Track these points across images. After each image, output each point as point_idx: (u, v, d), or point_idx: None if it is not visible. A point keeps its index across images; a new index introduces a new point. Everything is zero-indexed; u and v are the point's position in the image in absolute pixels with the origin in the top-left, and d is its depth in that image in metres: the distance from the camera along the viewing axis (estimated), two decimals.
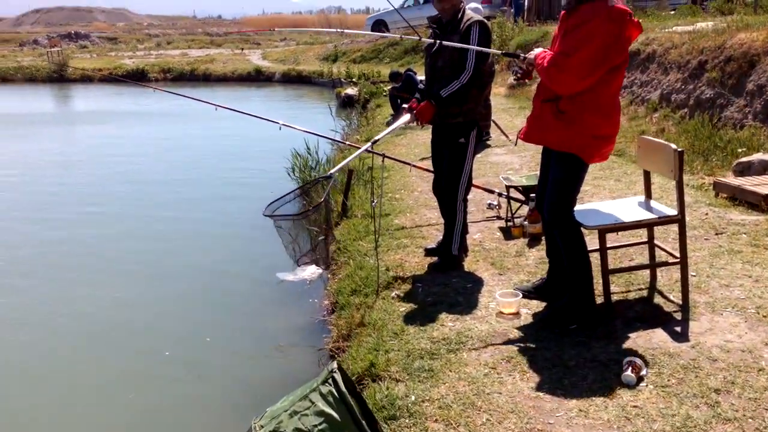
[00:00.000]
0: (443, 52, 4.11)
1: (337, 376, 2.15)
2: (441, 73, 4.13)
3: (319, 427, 2.13)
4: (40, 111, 18.33)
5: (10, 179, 9.69)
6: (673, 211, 3.48)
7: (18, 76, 25.24)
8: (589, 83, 3.05)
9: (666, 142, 3.44)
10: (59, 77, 24.20)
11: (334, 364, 2.20)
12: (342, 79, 19.00)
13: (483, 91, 4.23)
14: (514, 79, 3.67)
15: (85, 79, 22.65)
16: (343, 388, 2.12)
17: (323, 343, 4.02)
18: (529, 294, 3.79)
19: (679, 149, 3.32)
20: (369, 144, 4.54)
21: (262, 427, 2.17)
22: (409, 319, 3.68)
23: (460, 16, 4.12)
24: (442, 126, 4.25)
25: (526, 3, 21.28)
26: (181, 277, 5.70)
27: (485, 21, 4.13)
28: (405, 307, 3.84)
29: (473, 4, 9.01)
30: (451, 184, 4.27)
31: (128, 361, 4.27)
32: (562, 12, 3.27)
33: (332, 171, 4.34)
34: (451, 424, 2.63)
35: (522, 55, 3.49)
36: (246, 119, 6.11)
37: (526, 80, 3.61)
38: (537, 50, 3.34)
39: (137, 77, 23.97)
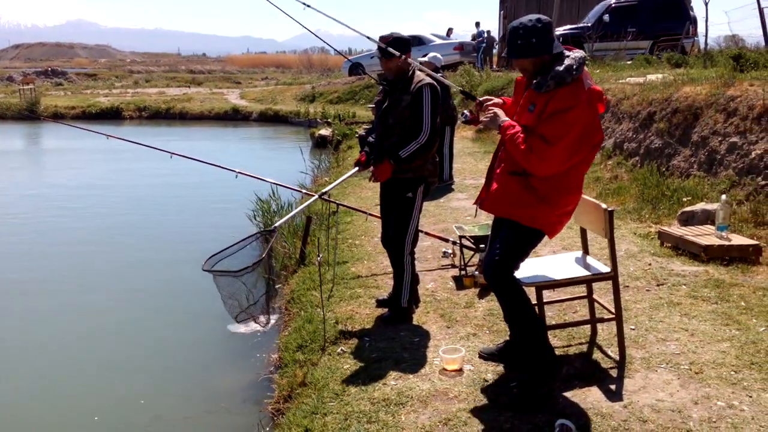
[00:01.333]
0: (394, 110, 4.17)
1: None
2: (391, 130, 4.18)
3: None
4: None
5: None
6: (606, 269, 3.52)
7: None
8: (568, 167, 2.98)
9: (598, 202, 3.49)
10: (29, 115, 23.98)
11: None
12: (318, 119, 19.13)
13: (432, 149, 4.26)
14: (462, 122, 3.54)
15: (57, 117, 22.40)
16: None
17: (264, 404, 3.92)
18: (492, 357, 3.61)
19: (610, 209, 3.37)
20: (316, 196, 4.54)
21: None
22: (352, 377, 3.62)
23: (410, 75, 4.19)
24: (392, 180, 4.27)
25: (495, 49, 21.86)
26: (124, 328, 5.50)
27: (435, 84, 4.18)
28: (349, 364, 3.80)
29: (432, 54, 9.20)
30: (397, 237, 4.28)
31: (51, 426, 4.09)
32: (520, 79, 3.18)
33: (277, 224, 4.31)
34: None
35: (478, 99, 3.33)
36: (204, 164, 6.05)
37: (473, 125, 3.53)
38: (502, 115, 3.15)
39: (112, 115, 23.91)
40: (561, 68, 2.91)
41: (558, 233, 3.30)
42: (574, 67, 2.91)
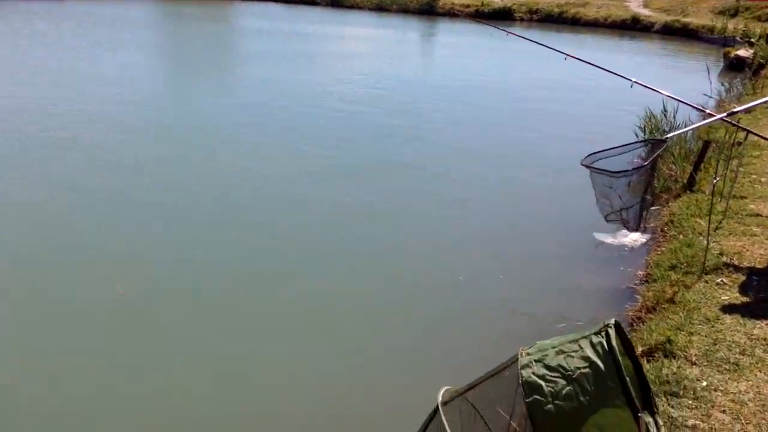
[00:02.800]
0: None
1: (611, 331, 2.27)
2: None
3: (582, 371, 2.30)
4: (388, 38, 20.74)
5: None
6: None
7: (393, 7, 28.82)
8: None
9: None
10: (428, 10, 27.01)
11: (612, 320, 2.33)
12: (737, 38, 17.18)
13: None
14: None
15: (452, 14, 24.74)
16: (614, 343, 2.24)
17: (624, 310, 4.09)
18: None
19: None
20: (720, 116, 4.29)
21: (529, 354, 2.44)
22: (729, 309, 3.51)
23: None
24: None
25: None
26: (489, 224, 6.08)
27: None
28: (728, 297, 3.66)
29: None
30: None
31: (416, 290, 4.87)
32: None
33: (669, 135, 4.26)
34: (740, 420, 2.56)
35: None
36: (598, 70, 6.14)
37: None
38: None
39: (503, 16, 25.28)
40: None
41: None
42: None
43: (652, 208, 5.63)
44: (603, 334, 2.40)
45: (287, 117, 9.57)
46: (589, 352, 2.37)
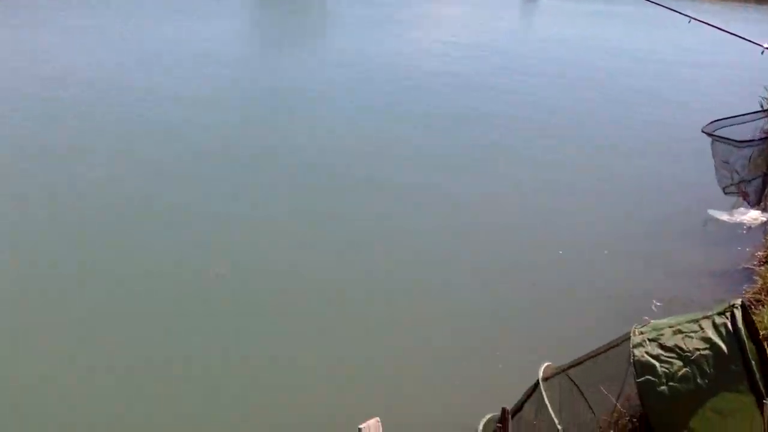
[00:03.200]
0: None
1: (738, 313, 2.15)
2: None
3: (702, 352, 2.19)
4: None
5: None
6: None
7: None
8: None
9: None
10: None
11: (739, 301, 2.21)
12: None
13: None
14: None
15: None
16: (740, 325, 2.12)
17: (741, 292, 3.90)
18: None
19: None
20: None
21: (642, 333, 2.35)
22: None
23: None
24: None
25: None
26: (594, 197, 5.88)
27: None
28: None
29: None
30: None
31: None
32: None
33: None
34: None
35: None
36: (724, 38, 5.76)
37: None
38: None
39: None
40: None
41: None
42: None
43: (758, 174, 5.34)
44: (728, 315, 2.27)
45: (378, 91, 9.47)
46: (711, 333, 2.26)
